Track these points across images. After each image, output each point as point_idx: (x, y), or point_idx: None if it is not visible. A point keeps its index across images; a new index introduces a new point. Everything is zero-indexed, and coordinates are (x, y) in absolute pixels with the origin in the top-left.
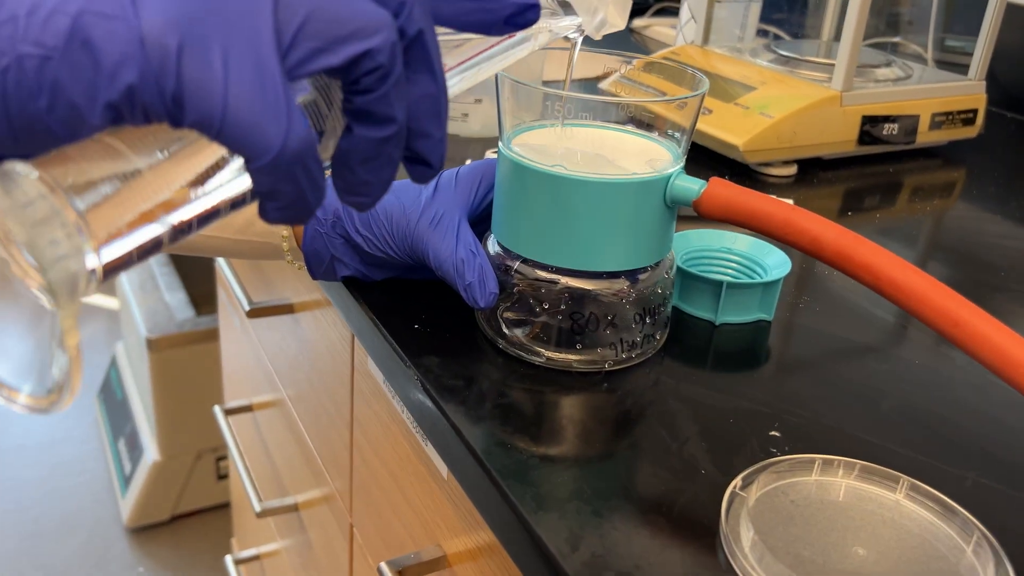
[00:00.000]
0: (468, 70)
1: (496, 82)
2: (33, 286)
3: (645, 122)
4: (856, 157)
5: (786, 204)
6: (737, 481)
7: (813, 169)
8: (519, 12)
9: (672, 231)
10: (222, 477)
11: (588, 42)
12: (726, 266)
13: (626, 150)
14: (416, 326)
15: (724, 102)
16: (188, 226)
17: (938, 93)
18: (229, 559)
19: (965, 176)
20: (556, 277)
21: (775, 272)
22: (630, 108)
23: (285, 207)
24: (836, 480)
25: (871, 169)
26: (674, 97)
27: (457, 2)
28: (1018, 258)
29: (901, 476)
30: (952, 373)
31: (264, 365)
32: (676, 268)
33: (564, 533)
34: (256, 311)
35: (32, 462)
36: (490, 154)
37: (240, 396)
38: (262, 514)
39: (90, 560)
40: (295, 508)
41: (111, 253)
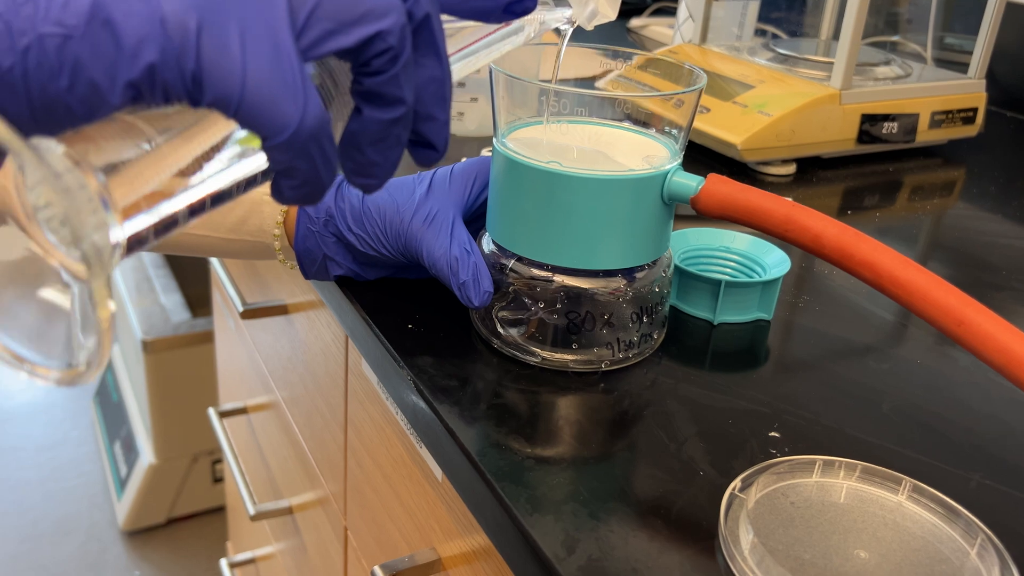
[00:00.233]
0: (462, 59)
1: (490, 78)
2: (55, 263)
3: (642, 120)
4: (855, 156)
5: (786, 200)
6: (736, 483)
7: (812, 168)
8: (518, 0)
9: (670, 229)
10: (218, 480)
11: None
12: (724, 265)
13: (622, 146)
14: (410, 326)
15: (722, 100)
16: (203, 204)
17: (938, 92)
18: (224, 562)
19: (965, 175)
20: (552, 275)
21: (774, 271)
22: (626, 105)
23: (300, 185)
24: (837, 482)
25: (870, 168)
26: (671, 92)
27: None
28: (1019, 257)
29: (903, 477)
30: (955, 373)
31: (258, 367)
32: (674, 267)
33: (560, 536)
34: (250, 312)
35: (28, 465)
36: (485, 152)
37: (235, 398)
38: (256, 517)
39: (86, 563)
40: (289, 511)
41: (132, 227)
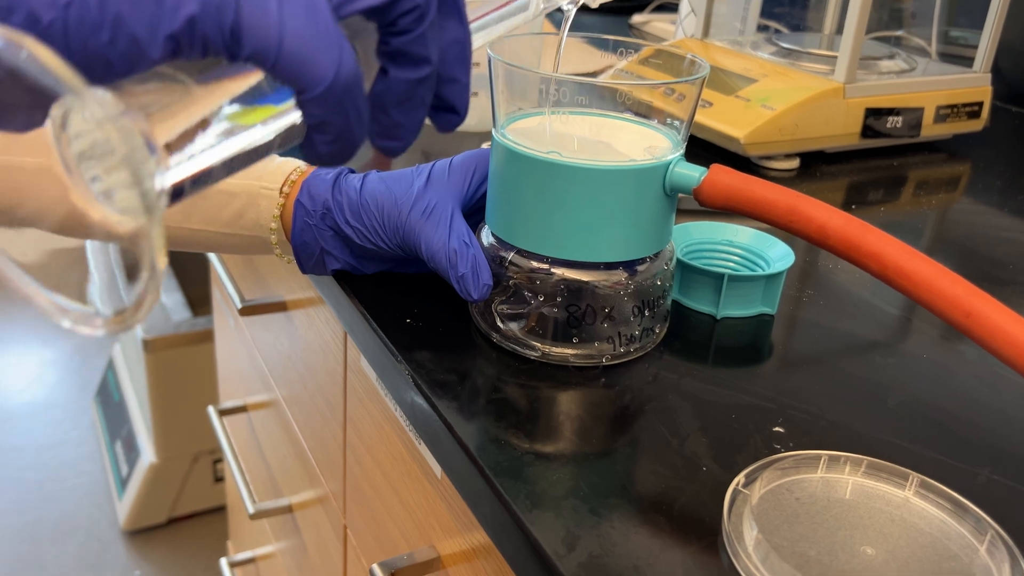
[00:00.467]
0: (474, 32)
1: (489, 68)
2: (96, 216)
3: (643, 113)
4: (859, 151)
5: (790, 191)
6: (740, 478)
7: (815, 163)
8: None
9: (672, 221)
10: (219, 480)
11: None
12: (727, 259)
13: (624, 137)
14: (408, 320)
15: (724, 95)
16: (235, 160)
17: (943, 85)
18: (224, 562)
19: (970, 170)
20: (551, 268)
21: (778, 265)
22: (628, 98)
23: (334, 139)
24: (843, 477)
25: (875, 163)
26: (674, 80)
27: None
28: None
29: (910, 473)
30: (962, 367)
31: (258, 365)
32: (676, 261)
33: (560, 532)
34: (248, 309)
35: (29, 464)
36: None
37: (235, 396)
38: (256, 515)
39: (87, 563)
40: (289, 509)
41: (175, 176)
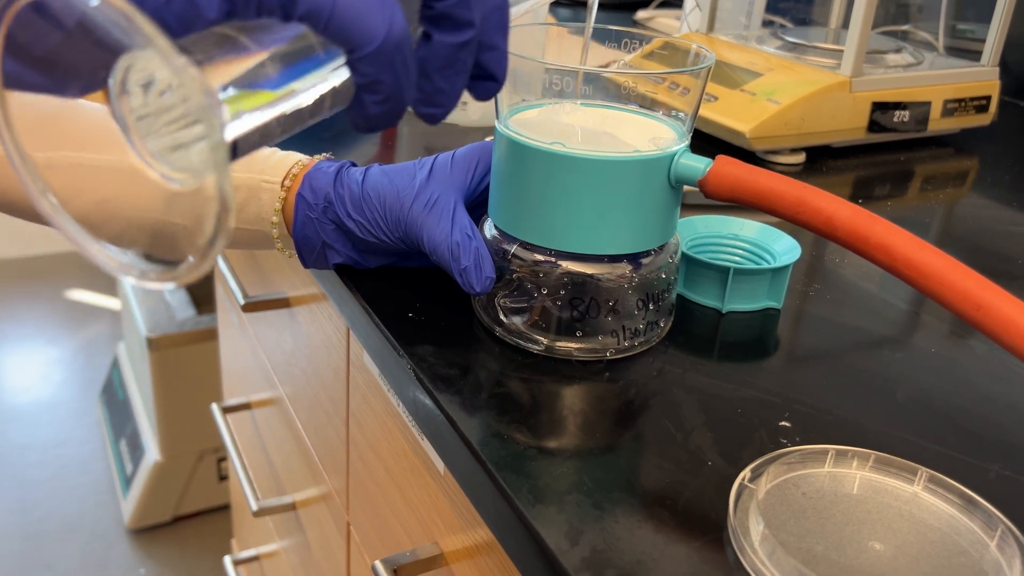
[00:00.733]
0: None
1: None
2: (155, 175)
3: (648, 105)
4: (866, 145)
5: (797, 182)
6: (746, 473)
7: (822, 157)
8: None
9: (677, 213)
10: (224, 478)
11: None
12: (733, 252)
13: (628, 128)
14: (410, 315)
15: (729, 89)
16: (290, 119)
17: (950, 79)
18: (228, 559)
19: (978, 164)
20: (555, 261)
21: (784, 258)
22: (633, 90)
23: (384, 100)
24: (850, 472)
25: (881, 157)
26: (679, 69)
27: None
28: None
29: (919, 468)
30: (972, 362)
31: (261, 362)
32: (681, 254)
33: (563, 527)
34: (251, 305)
35: (34, 463)
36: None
37: (238, 394)
38: (259, 513)
39: (92, 561)
40: (293, 507)
41: (240, 127)
